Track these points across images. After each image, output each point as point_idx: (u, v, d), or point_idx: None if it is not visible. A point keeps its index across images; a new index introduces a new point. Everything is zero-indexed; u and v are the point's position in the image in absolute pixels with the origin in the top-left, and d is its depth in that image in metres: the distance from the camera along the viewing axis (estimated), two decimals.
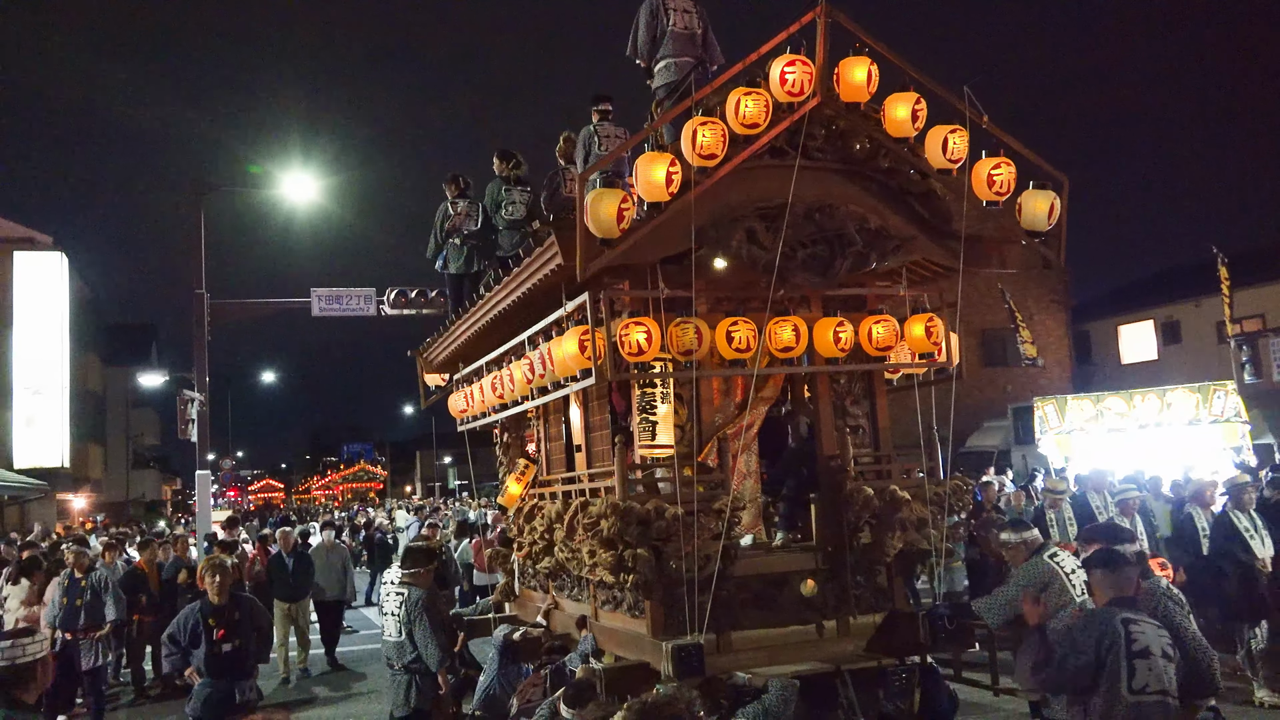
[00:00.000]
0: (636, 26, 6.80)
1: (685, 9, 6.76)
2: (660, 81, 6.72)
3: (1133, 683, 3.68)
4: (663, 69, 6.70)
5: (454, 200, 8.77)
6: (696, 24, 6.80)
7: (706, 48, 6.79)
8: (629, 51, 6.88)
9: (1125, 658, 3.70)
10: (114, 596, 10.09)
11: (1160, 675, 3.70)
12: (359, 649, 13.63)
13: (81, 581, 9.94)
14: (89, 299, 37.68)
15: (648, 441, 5.38)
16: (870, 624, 5.64)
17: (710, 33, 6.88)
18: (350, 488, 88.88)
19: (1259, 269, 26.34)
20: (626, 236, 4.87)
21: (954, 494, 5.80)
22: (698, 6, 6.85)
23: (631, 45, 6.85)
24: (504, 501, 7.66)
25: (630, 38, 6.86)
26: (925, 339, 5.78)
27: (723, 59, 6.63)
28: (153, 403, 44.83)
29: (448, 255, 8.82)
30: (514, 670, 6.67)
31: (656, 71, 6.75)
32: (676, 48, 6.66)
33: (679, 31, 6.69)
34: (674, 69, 6.63)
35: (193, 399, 17.07)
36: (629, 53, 6.88)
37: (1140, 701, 3.66)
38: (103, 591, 10.01)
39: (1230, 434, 18.53)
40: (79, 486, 35.74)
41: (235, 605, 6.81)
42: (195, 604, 6.83)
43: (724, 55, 6.77)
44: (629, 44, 6.87)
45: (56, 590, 9.92)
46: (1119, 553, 4.09)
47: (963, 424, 34.42)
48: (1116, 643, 3.71)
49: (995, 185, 5.44)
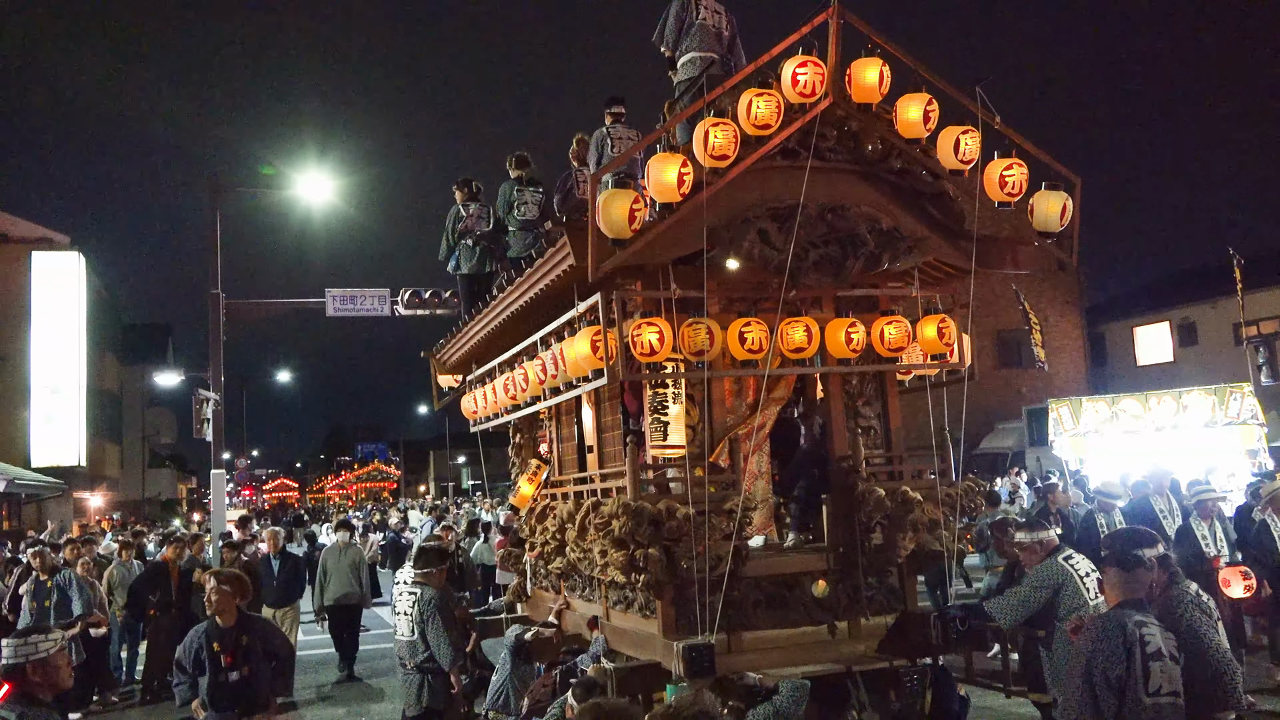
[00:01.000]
0: (666, 15, 6.85)
1: (715, 9, 6.83)
2: (683, 75, 6.74)
3: (1149, 685, 3.66)
4: (686, 63, 6.74)
5: (464, 203, 8.82)
6: (725, 25, 6.86)
7: (732, 50, 6.84)
8: (655, 38, 6.92)
9: (1141, 660, 3.68)
10: (79, 593, 10.07)
11: (1172, 676, 3.68)
12: (371, 648, 13.69)
13: (48, 583, 9.98)
14: (106, 299, 37.98)
15: (660, 442, 5.39)
16: (882, 625, 5.63)
17: (738, 40, 6.94)
18: (364, 487, 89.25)
19: (1277, 270, 26.15)
20: (638, 237, 4.88)
21: (966, 495, 5.79)
22: (728, 13, 6.93)
23: (659, 33, 6.90)
24: (516, 502, 7.69)
25: (659, 25, 6.90)
26: (938, 340, 5.77)
27: (744, 61, 6.63)
28: (168, 402, 45.18)
29: (460, 256, 8.88)
30: (527, 670, 6.70)
31: (681, 65, 6.78)
32: (702, 42, 6.70)
33: (707, 26, 6.73)
34: (697, 64, 6.66)
35: (208, 398, 17.17)
36: (654, 39, 6.92)
37: (1158, 704, 3.65)
38: (68, 589, 10.04)
39: (1247, 436, 18.39)
40: (95, 485, 36.02)
41: (244, 627, 6.09)
42: (203, 625, 6.17)
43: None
44: (656, 30, 6.92)
45: (25, 595, 9.98)
46: (1136, 553, 4.06)
47: (977, 426, 34.47)
48: (1134, 647, 3.69)
49: (1007, 186, 5.43)
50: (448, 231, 8.90)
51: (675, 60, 6.81)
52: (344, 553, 12.39)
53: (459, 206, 8.83)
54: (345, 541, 12.73)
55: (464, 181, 8.93)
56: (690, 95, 5.97)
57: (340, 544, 12.65)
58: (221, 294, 17.70)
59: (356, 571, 12.15)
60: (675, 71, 6.82)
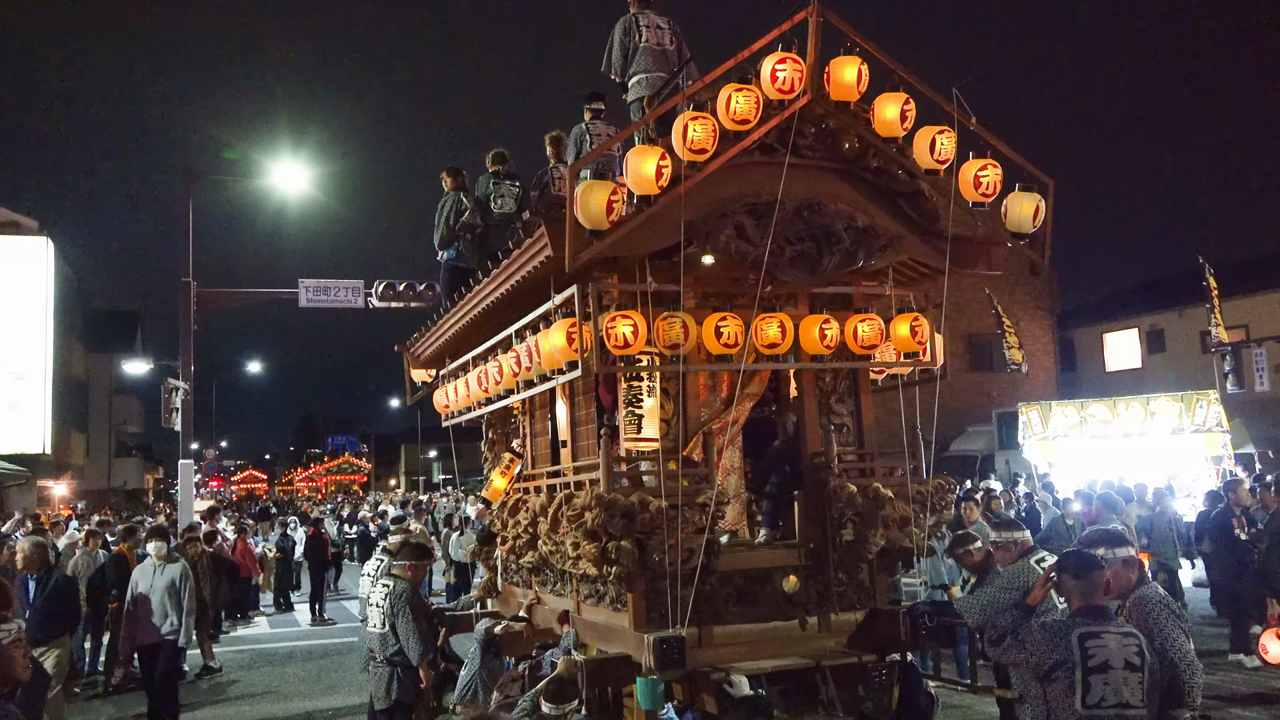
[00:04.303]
0: (611, 43, 7.19)
1: (657, 25, 7.13)
2: (634, 96, 7.09)
3: (1087, 698, 3.74)
4: (635, 84, 7.08)
5: (459, 193, 8.58)
6: (669, 41, 7.17)
7: (680, 63, 6.98)
8: (603, 67, 7.28)
9: (1081, 673, 3.75)
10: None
11: (1119, 688, 3.73)
12: (338, 641, 13.62)
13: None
14: (74, 285, 37.43)
15: (633, 435, 5.39)
16: (852, 620, 5.67)
17: (684, 48, 7.12)
18: (334, 480, 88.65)
19: (1243, 280, 26.56)
20: (616, 229, 4.88)
21: (936, 493, 5.83)
22: (671, 24, 7.19)
23: (606, 61, 7.25)
24: (488, 495, 7.66)
25: (605, 54, 7.25)
26: (910, 338, 5.81)
27: (696, 74, 6.71)
28: (137, 391, 44.55)
29: (460, 248, 8.64)
30: (496, 664, 6.68)
31: (630, 86, 7.12)
32: (649, 64, 7.03)
33: (651, 48, 7.07)
34: (646, 84, 7.01)
35: (177, 387, 17.02)
36: (603, 68, 7.28)
37: (1093, 716, 3.73)
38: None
39: (1212, 443, 18.68)
40: (60, 474, 35.53)
41: None
42: None
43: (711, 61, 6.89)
44: (604, 59, 7.27)
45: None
46: (1089, 558, 4.10)
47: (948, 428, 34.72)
48: (1069, 659, 3.78)
49: (982, 186, 5.47)
50: (447, 218, 8.58)
51: (626, 84, 7.15)
52: (160, 571, 9.12)
53: (458, 195, 8.54)
54: (163, 556, 9.29)
55: (455, 171, 8.72)
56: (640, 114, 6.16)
57: (156, 558, 9.23)
58: (193, 282, 17.53)
59: (176, 596, 8.99)
60: (627, 95, 7.15)
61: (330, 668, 11.94)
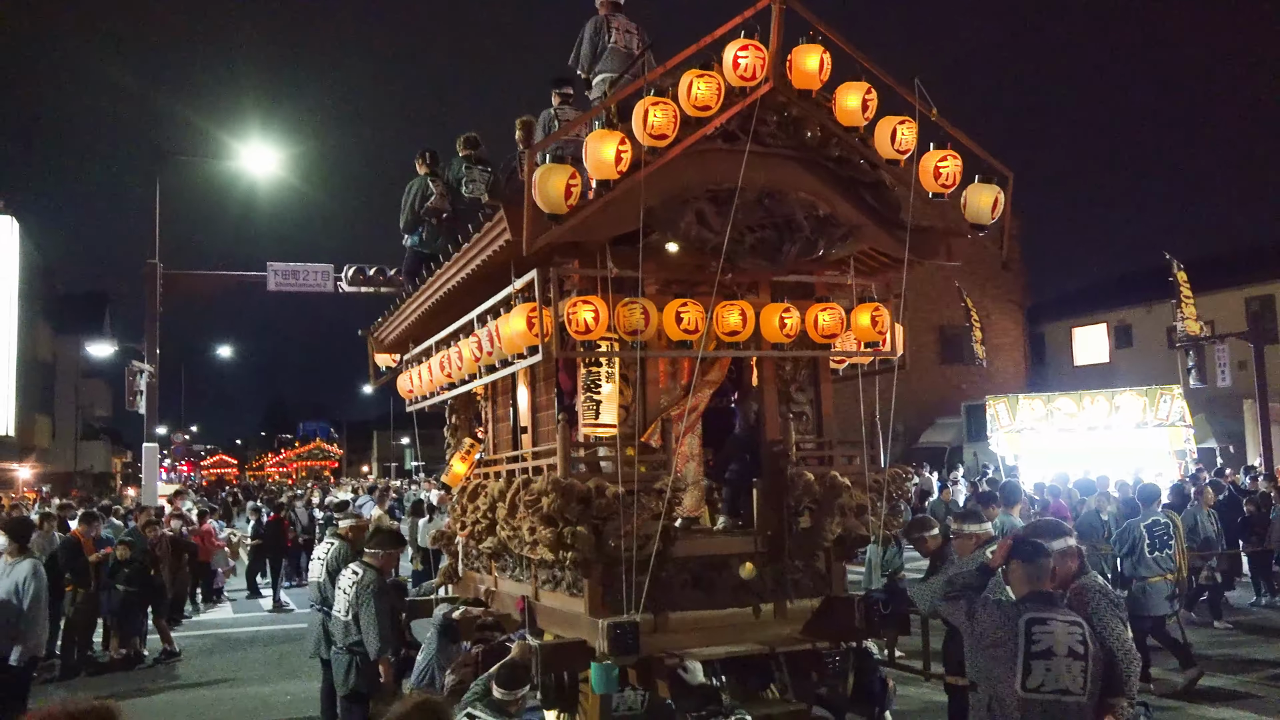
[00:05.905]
0: (581, 39, 7.31)
1: (627, 29, 7.29)
2: (597, 94, 7.17)
3: (1027, 681, 3.82)
4: (599, 82, 7.17)
5: (429, 178, 8.52)
6: (636, 45, 7.26)
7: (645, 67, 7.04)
8: (571, 61, 7.40)
9: (1023, 657, 3.81)
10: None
11: (1060, 675, 3.80)
12: (299, 626, 13.53)
13: None
14: (40, 265, 36.91)
15: (591, 420, 5.38)
16: (807, 608, 5.68)
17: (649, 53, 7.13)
18: (305, 465, 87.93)
19: (1206, 277, 26.89)
20: (575, 213, 4.86)
21: (893, 481, 5.87)
22: (640, 30, 7.35)
23: (575, 55, 7.37)
24: (448, 480, 7.63)
25: (575, 48, 7.36)
26: (871, 328, 5.83)
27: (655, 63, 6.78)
28: (104, 373, 43.97)
29: (424, 233, 8.54)
30: (453, 649, 6.66)
31: (594, 84, 7.22)
32: (615, 64, 7.13)
33: (619, 50, 7.19)
34: (610, 84, 7.05)
35: (142, 370, 16.84)
36: (571, 62, 7.40)
37: (1030, 699, 3.79)
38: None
39: (1175, 437, 18.95)
40: (24, 456, 35.11)
41: None
42: None
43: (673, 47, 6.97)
44: (573, 53, 7.38)
45: None
46: (1038, 545, 4.16)
47: (916, 420, 35.01)
48: (1014, 639, 3.84)
49: (941, 177, 5.49)
50: (412, 201, 8.52)
51: (591, 81, 7.26)
52: (7, 572, 7.69)
53: (426, 179, 8.42)
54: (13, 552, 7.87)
55: (430, 155, 8.64)
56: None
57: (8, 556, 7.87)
58: (160, 264, 17.34)
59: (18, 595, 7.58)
60: (591, 90, 7.26)
61: (291, 653, 11.85)
